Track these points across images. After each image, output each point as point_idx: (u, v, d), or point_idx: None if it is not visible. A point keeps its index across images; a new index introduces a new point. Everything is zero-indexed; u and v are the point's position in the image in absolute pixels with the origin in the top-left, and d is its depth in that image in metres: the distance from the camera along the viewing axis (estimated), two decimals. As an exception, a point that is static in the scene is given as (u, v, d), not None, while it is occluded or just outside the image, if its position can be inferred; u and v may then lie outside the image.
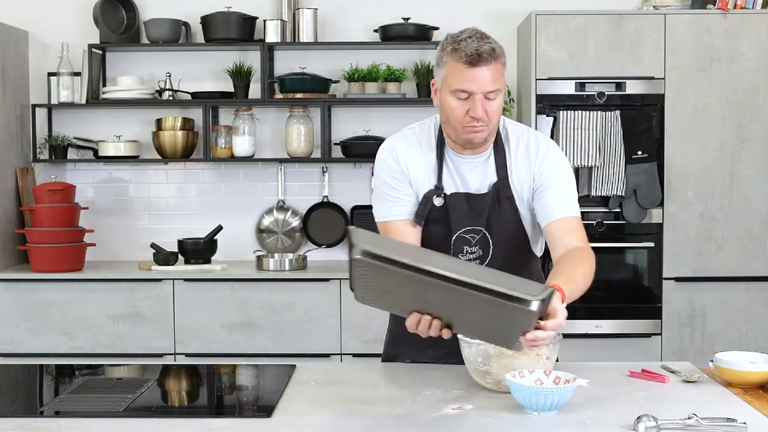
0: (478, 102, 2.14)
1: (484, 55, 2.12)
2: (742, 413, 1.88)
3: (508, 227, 2.29)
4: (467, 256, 2.29)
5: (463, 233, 2.28)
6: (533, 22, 4.24)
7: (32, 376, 2.38)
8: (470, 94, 2.14)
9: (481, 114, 2.15)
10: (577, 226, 2.25)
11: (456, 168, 2.30)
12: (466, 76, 2.13)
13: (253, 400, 2.22)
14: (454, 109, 2.18)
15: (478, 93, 2.14)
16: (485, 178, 2.28)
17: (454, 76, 2.15)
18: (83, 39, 4.71)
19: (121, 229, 4.85)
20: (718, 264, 4.29)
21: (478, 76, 2.13)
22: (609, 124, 4.20)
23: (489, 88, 2.14)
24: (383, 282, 1.81)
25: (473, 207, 2.27)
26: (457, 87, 2.15)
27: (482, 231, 2.28)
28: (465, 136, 2.20)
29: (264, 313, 4.32)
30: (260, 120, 4.77)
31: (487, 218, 2.27)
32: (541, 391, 1.86)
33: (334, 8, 4.78)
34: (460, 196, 2.28)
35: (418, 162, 2.30)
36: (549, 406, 1.87)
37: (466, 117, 2.16)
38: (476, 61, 2.12)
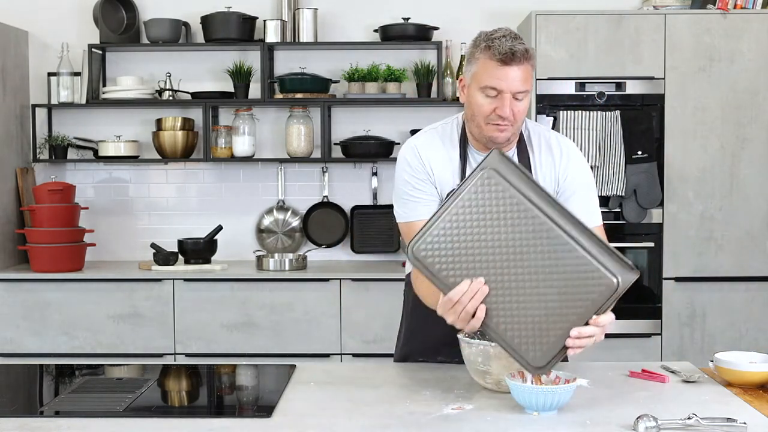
0: (507, 101, 2.15)
1: (517, 55, 2.12)
2: (742, 413, 1.88)
3: None
4: None
5: None
6: (533, 22, 4.24)
7: (32, 376, 2.38)
8: (500, 92, 2.14)
9: (508, 113, 2.15)
10: (601, 234, 2.26)
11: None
12: (498, 73, 2.13)
13: (253, 400, 2.22)
14: (481, 106, 2.18)
15: (508, 92, 2.14)
16: None
17: (485, 73, 2.15)
18: (83, 39, 4.71)
19: (121, 229, 4.85)
20: (718, 264, 4.29)
21: (509, 75, 2.13)
22: (609, 124, 4.20)
23: (519, 88, 2.15)
24: (491, 210, 1.86)
25: None
26: (488, 84, 2.15)
27: None
28: (489, 134, 2.20)
29: (264, 313, 4.32)
30: (260, 120, 4.77)
31: None
32: (541, 391, 1.86)
33: (334, 8, 4.78)
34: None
35: (442, 161, 2.29)
36: (549, 406, 1.87)
37: (493, 114, 2.17)
38: (509, 59, 2.12)
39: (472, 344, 2.05)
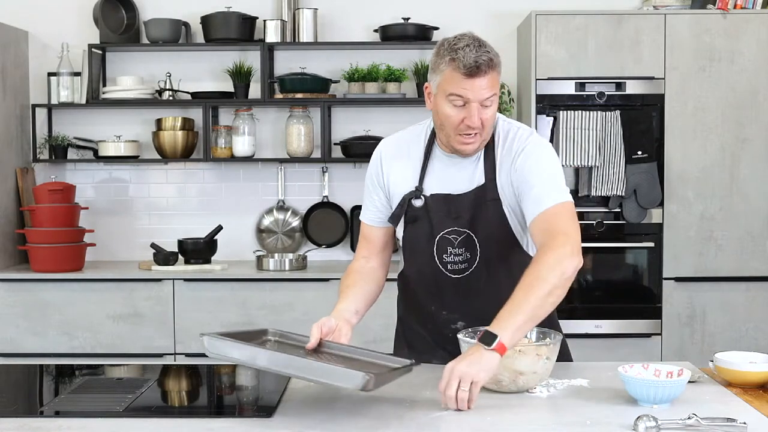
0: (474, 110, 2.13)
1: (482, 67, 2.10)
2: (742, 413, 1.88)
3: (495, 229, 2.24)
4: (452, 258, 2.27)
5: (446, 234, 2.26)
6: (533, 22, 4.24)
7: (32, 376, 2.38)
8: (466, 102, 2.13)
9: (476, 123, 2.13)
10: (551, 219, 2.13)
11: (444, 168, 2.29)
12: (464, 84, 2.11)
13: (253, 400, 2.22)
14: (449, 117, 2.16)
15: (475, 101, 2.12)
16: (473, 179, 2.25)
17: (451, 84, 2.13)
18: (83, 39, 4.71)
19: (121, 229, 4.85)
20: (718, 264, 4.29)
21: (475, 85, 2.11)
22: (609, 124, 4.20)
23: (486, 95, 2.13)
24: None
25: (453, 208, 2.25)
26: (454, 92, 2.13)
27: (466, 232, 2.25)
28: (457, 146, 2.20)
29: (264, 313, 4.32)
30: (260, 120, 4.77)
31: (471, 220, 2.24)
32: (659, 384, 1.90)
33: (334, 8, 4.78)
34: (439, 197, 2.26)
35: (402, 168, 2.32)
36: (664, 398, 1.90)
37: (462, 125, 2.15)
38: (474, 72, 2.10)
39: (471, 344, 2.05)
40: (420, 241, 2.30)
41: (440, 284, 2.30)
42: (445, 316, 2.32)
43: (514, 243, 2.27)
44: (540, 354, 2.02)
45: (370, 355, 2.06)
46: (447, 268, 2.28)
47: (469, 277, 2.27)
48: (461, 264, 2.26)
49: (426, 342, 2.39)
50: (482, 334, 1.95)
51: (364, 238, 2.42)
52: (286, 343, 2.09)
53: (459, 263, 2.27)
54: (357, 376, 1.77)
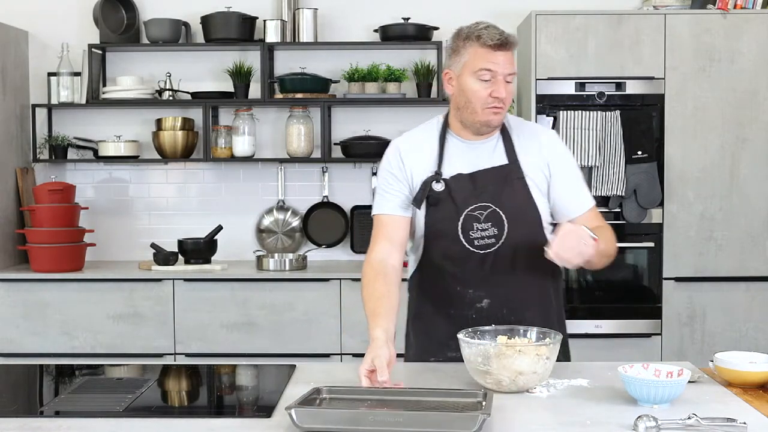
0: (501, 83, 2.27)
1: (509, 39, 2.28)
2: (742, 413, 1.88)
3: (521, 205, 2.34)
4: (478, 233, 2.32)
5: (470, 212, 2.33)
6: (533, 22, 4.24)
7: (32, 376, 2.38)
8: (494, 75, 2.26)
9: (504, 94, 2.27)
10: (598, 216, 2.42)
11: (461, 153, 2.37)
12: (491, 57, 2.26)
13: (253, 400, 2.22)
14: (476, 92, 2.28)
15: (501, 74, 2.27)
16: (492, 160, 2.36)
17: (479, 59, 2.27)
18: (83, 39, 4.71)
19: (121, 229, 4.85)
20: (718, 264, 4.29)
21: (501, 59, 2.27)
22: (609, 124, 4.20)
23: (510, 70, 2.29)
24: None
25: (477, 184, 2.33)
26: (482, 67, 2.26)
27: (491, 206, 2.32)
28: (485, 117, 2.30)
29: (264, 313, 4.32)
30: (260, 120, 4.77)
31: (497, 195, 2.32)
32: (659, 384, 1.90)
33: (334, 8, 4.78)
34: (463, 177, 2.34)
35: (421, 159, 2.39)
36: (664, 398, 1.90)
37: (489, 98, 2.28)
38: (502, 45, 2.26)
39: (471, 344, 2.05)
40: (444, 221, 2.34)
41: (467, 262, 2.34)
42: (471, 295, 2.35)
43: (539, 221, 2.36)
44: (540, 354, 2.02)
45: (431, 393, 1.96)
46: (474, 245, 2.33)
47: (496, 252, 2.33)
48: (488, 239, 2.33)
49: (440, 335, 2.39)
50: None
51: (383, 232, 2.39)
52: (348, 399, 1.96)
53: (486, 238, 2.33)
54: (473, 419, 1.72)
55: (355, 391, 1.98)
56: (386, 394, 1.95)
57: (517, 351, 2.00)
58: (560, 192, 2.37)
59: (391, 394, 1.95)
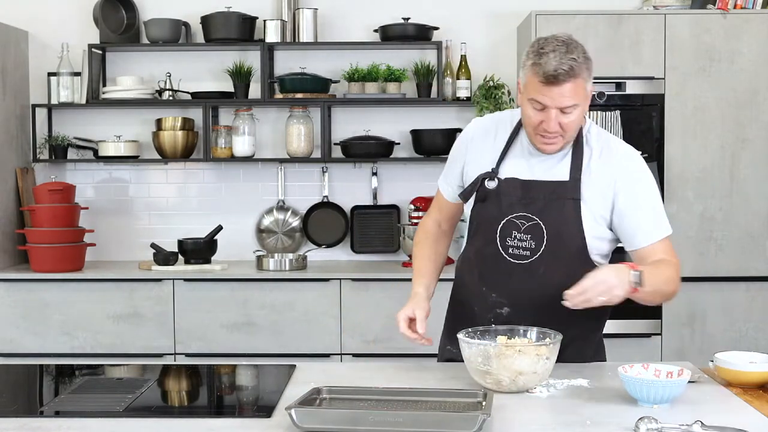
0: (552, 116, 2.15)
1: (561, 77, 2.11)
2: (742, 413, 1.88)
3: (567, 226, 2.25)
4: (515, 242, 2.28)
5: (514, 218, 2.28)
6: (533, 22, 4.24)
7: (32, 376, 2.38)
8: (545, 108, 2.16)
9: (553, 128, 2.17)
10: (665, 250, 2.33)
11: (525, 158, 2.31)
12: (542, 90, 2.14)
13: (253, 400, 2.22)
14: (529, 117, 2.21)
15: (553, 108, 2.15)
16: (554, 173, 2.28)
17: (531, 88, 2.17)
18: (83, 39, 4.71)
19: (121, 229, 4.85)
20: (718, 264, 4.29)
21: (554, 93, 2.13)
22: (609, 124, 4.20)
23: (566, 103, 2.14)
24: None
25: (527, 193, 2.27)
26: (532, 97, 2.17)
27: (535, 219, 2.26)
28: (537, 144, 2.25)
29: (264, 313, 4.32)
30: (260, 120, 4.77)
31: (543, 209, 2.25)
32: (659, 384, 1.90)
33: (334, 8, 4.77)
34: (515, 182, 2.29)
35: (484, 149, 2.37)
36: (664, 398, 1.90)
37: (539, 127, 2.19)
38: (552, 81, 2.12)
39: (472, 344, 2.05)
40: (487, 220, 2.32)
41: (497, 267, 2.31)
42: (493, 299, 2.33)
43: (582, 246, 2.26)
44: (540, 354, 2.02)
45: (431, 393, 1.97)
46: (508, 252, 2.29)
47: (528, 265, 2.27)
48: (524, 251, 2.28)
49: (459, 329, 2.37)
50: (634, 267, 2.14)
51: (438, 203, 2.53)
52: (348, 399, 1.95)
53: (522, 249, 2.28)
54: (473, 419, 1.72)
55: (355, 391, 1.98)
56: (386, 395, 1.95)
57: (517, 351, 2.00)
58: (627, 221, 2.26)
59: (392, 395, 1.95)
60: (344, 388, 1.99)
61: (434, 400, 1.92)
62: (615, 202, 2.25)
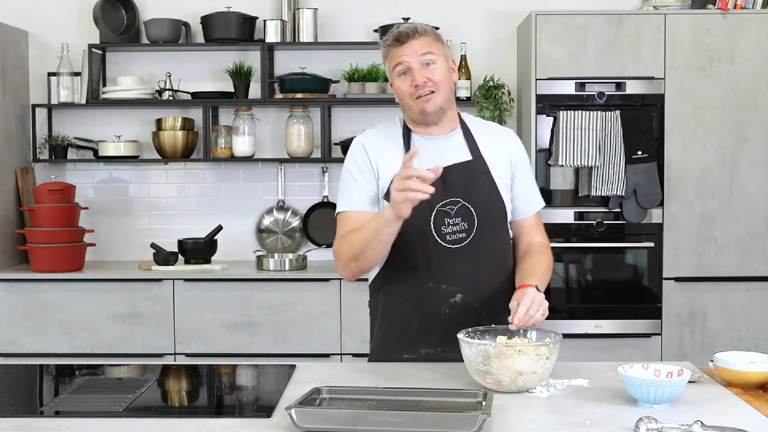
0: (416, 71, 2.30)
1: (407, 32, 2.32)
2: (742, 413, 1.88)
3: (488, 199, 2.38)
4: (450, 228, 2.34)
5: (442, 207, 2.34)
6: (533, 22, 4.24)
7: (32, 376, 2.38)
8: (407, 66, 2.31)
9: (420, 80, 2.30)
10: (541, 221, 2.52)
11: (426, 150, 2.35)
12: (397, 52, 2.33)
13: (253, 400, 2.22)
14: (400, 88, 2.35)
15: (413, 63, 2.30)
16: (457, 155, 2.39)
17: (391, 58, 2.34)
18: (83, 39, 4.71)
19: (121, 229, 4.85)
20: (718, 264, 4.29)
21: (406, 50, 2.31)
22: (609, 124, 4.20)
23: (419, 53, 2.31)
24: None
25: (446, 180, 2.31)
26: (394, 62, 2.33)
27: (460, 201, 2.35)
28: (418, 107, 2.34)
29: (264, 313, 4.32)
30: (260, 120, 4.77)
31: (465, 190, 2.35)
32: (660, 384, 1.89)
33: (334, 8, 4.78)
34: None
35: (387, 151, 2.41)
36: (664, 398, 1.90)
37: (411, 88, 2.32)
38: (402, 38, 2.32)
39: (472, 344, 2.05)
40: (417, 216, 2.28)
41: (440, 257, 2.35)
42: (444, 290, 2.36)
43: (505, 215, 2.42)
44: (540, 354, 2.02)
45: (431, 393, 1.97)
46: (446, 240, 2.35)
47: (467, 246, 2.35)
48: (459, 233, 2.35)
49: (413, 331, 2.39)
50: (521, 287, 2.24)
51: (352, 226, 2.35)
52: (348, 399, 1.94)
53: (457, 233, 2.35)
54: (473, 419, 1.71)
55: (355, 391, 1.98)
56: (386, 394, 1.95)
57: (517, 351, 2.00)
58: (517, 191, 2.45)
59: (391, 394, 1.95)
60: (344, 388, 1.99)
61: (434, 400, 1.92)
62: (514, 173, 2.44)
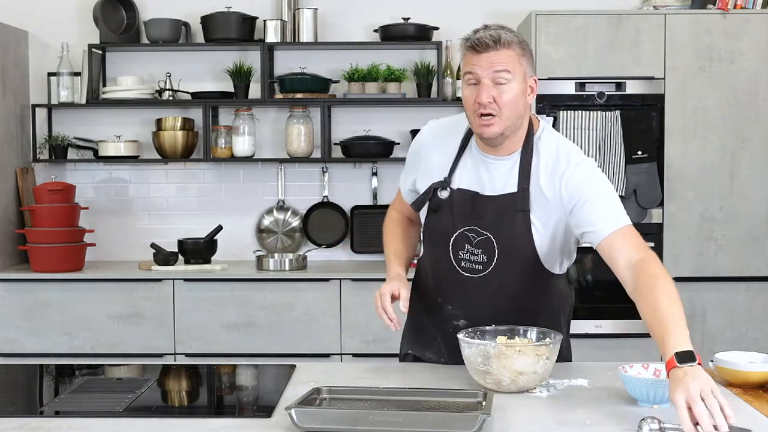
0: (483, 87, 2.12)
1: (489, 41, 2.11)
2: (742, 413, 1.87)
3: (516, 239, 2.21)
4: (467, 256, 2.25)
5: (465, 231, 2.24)
6: (533, 22, 4.24)
7: (32, 376, 2.38)
8: (477, 78, 2.13)
9: (485, 99, 2.11)
10: (630, 237, 2.20)
11: (476, 166, 2.26)
12: (473, 60, 2.14)
13: (253, 400, 2.22)
14: (466, 99, 2.17)
15: (485, 78, 2.12)
16: (504, 184, 2.22)
17: (466, 63, 2.17)
18: (83, 39, 4.71)
19: (121, 229, 4.85)
20: (718, 264, 4.29)
21: (483, 60, 2.12)
22: (609, 124, 4.20)
23: (495, 68, 2.11)
24: None
25: (477, 207, 2.23)
26: (466, 70, 2.16)
27: (485, 234, 2.22)
28: (478, 130, 2.18)
29: (264, 313, 4.32)
30: (260, 120, 4.77)
31: (494, 224, 2.21)
32: (660, 384, 1.89)
33: (334, 8, 4.78)
34: (466, 194, 2.24)
35: (438, 154, 2.32)
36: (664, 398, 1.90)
37: (475, 104, 2.14)
38: (482, 46, 2.12)
39: (472, 344, 2.05)
40: (439, 231, 2.29)
41: (451, 279, 2.29)
42: (449, 311, 2.32)
43: (534, 257, 2.23)
44: (540, 354, 2.02)
45: (431, 393, 1.96)
46: (461, 266, 2.27)
47: (481, 279, 2.25)
48: (476, 265, 2.25)
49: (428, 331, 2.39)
50: (672, 358, 1.83)
51: (399, 201, 2.55)
52: (348, 399, 1.94)
53: (474, 263, 2.25)
54: (473, 419, 1.72)
55: (355, 391, 1.98)
56: (386, 394, 1.95)
57: (517, 351, 2.00)
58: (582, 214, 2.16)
59: (391, 395, 1.95)
60: (344, 388, 1.99)
61: (434, 400, 1.92)
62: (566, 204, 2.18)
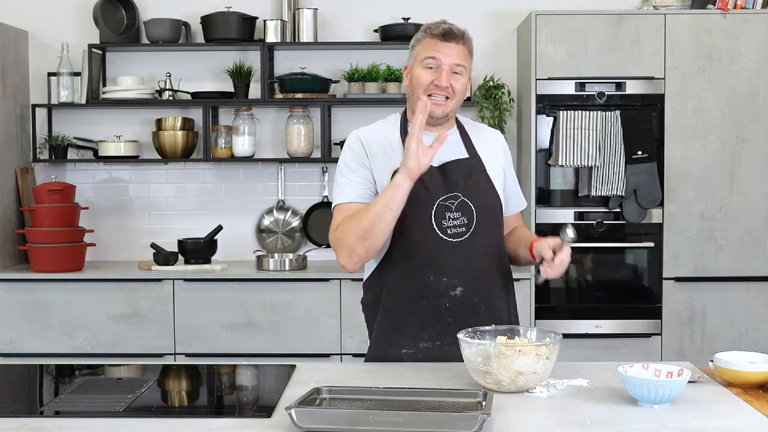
0: (444, 72, 2.34)
1: (456, 33, 2.36)
2: (742, 413, 1.88)
3: (486, 196, 2.43)
4: (450, 222, 2.38)
5: (442, 201, 2.38)
6: (533, 22, 4.24)
7: (32, 376, 2.38)
8: (438, 64, 2.34)
9: (445, 83, 2.34)
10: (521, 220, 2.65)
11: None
12: (437, 46, 2.36)
13: (253, 400, 2.22)
14: (421, 78, 2.36)
15: (446, 64, 2.34)
16: (454, 152, 2.43)
17: (426, 48, 2.37)
18: (83, 39, 4.71)
19: (121, 229, 4.85)
20: (718, 264, 4.29)
21: (447, 49, 2.35)
22: (609, 124, 4.20)
23: (456, 61, 2.35)
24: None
25: (446, 175, 2.39)
26: (428, 55, 2.35)
27: (459, 196, 2.38)
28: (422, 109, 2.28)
29: (264, 313, 4.32)
30: (260, 120, 4.77)
31: (464, 186, 2.40)
32: (660, 384, 1.89)
33: (334, 8, 4.78)
34: (432, 168, 2.35)
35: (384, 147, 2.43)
36: (665, 398, 1.90)
37: (431, 85, 2.34)
38: (448, 36, 2.35)
39: (472, 344, 2.05)
40: (418, 210, 2.36)
41: (441, 250, 2.37)
42: (445, 284, 2.37)
43: (500, 211, 2.48)
44: (540, 354, 2.02)
45: (431, 393, 1.97)
46: (447, 233, 2.38)
47: (467, 240, 2.39)
48: (459, 228, 2.38)
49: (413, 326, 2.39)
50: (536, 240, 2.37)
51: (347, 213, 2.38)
52: (348, 399, 1.94)
53: (458, 227, 2.38)
54: (473, 419, 1.72)
55: (355, 391, 1.98)
56: (386, 394, 1.95)
57: (517, 351, 2.00)
58: (509, 191, 2.53)
59: (391, 394, 1.95)
60: (344, 388, 1.99)
61: (434, 400, 1.92)
62: (505, 172, 2.51)
